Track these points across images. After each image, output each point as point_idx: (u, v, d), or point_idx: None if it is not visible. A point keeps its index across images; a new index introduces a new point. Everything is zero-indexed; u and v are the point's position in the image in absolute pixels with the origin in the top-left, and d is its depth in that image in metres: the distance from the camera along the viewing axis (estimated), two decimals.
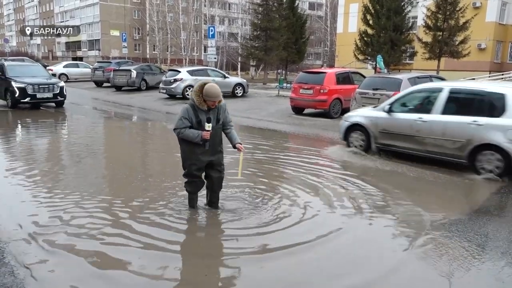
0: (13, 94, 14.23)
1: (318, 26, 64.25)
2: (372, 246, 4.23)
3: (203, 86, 4.38)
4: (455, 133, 6.87)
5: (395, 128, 7.72)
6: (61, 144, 9.72)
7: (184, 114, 4.44)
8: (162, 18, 54.19)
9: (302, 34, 38.07)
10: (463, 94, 7.30)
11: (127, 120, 14.32)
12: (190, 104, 4.48)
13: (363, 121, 8.26)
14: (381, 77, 12.62)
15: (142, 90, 22.65)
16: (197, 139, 4.43)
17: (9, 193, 5.62)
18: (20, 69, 15.59)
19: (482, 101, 6.96)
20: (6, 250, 3.88)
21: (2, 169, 6.78)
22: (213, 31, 24.20)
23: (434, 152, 7.23)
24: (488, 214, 5.10)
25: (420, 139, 7.32)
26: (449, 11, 25.08)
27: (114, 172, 6.98)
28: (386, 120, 7.86)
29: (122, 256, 3.84)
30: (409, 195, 5.78)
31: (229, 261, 3.87)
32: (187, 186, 4.84)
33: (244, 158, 4.96)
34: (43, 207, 5.02)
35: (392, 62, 27.71)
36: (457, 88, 7.36)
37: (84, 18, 67.49)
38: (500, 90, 6.73)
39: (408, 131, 7.49)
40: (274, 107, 16.08)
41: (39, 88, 14.43)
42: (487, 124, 6.53)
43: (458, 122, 6.85)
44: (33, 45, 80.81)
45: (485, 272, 3.70)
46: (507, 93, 6.56)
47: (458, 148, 6.82)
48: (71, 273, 3.54)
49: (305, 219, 4.81)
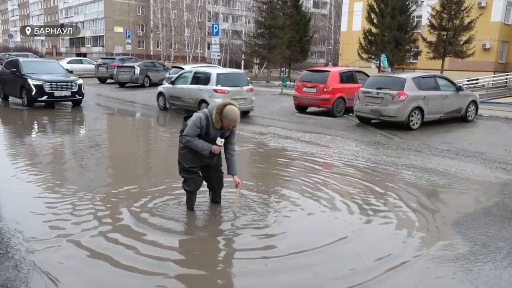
0: (30, 92, 13.37)
1: (322, 25, 64.15)
2: (374, 246, 4.23)
3: (225, 106, 4.20)
4: (192, 94, 12.86)
5: (175, 93, 13.71)
6: (80, 144, 9.73)
7: (197, 122, 4.31)
8: (166, 15, 54.22)
9: (306, 32, 38.05)
10: (199, 74, 13.26)
11: (131, 116, 14.35)
12: (204, 114, 4.35)
13: (163, 90, 14.54)
14: (385, 76, 12.56)
15: (146, 86, 22.65)
16: (205, 151, 4.35)
17: (15, 188, 5.65)
18: (36, 66, 14.79)
19: (204, 77, 12.80)
20: (10, 244, 3.90)
21: (11, 166, 6.84)
22: (217, 28, 24.17)
23: (188, 105, 13.00)
24: (491, 215, 5.08)
25: (182, 98, 13.34)
26: (454, 10, 25.01)
27: (121, 170, 6.99)
28: (172, 89, 13.90)
29: (126, 253, 3.86)
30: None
31: (232, 261, 3.87)
32: (186, 184, 4.70)
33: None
34: (48, 203, 5.04)
35: (396, 61, 27.66)
36: (197, 71, 13.59)
37: (88, 14, 67.58)
38: (210, 70, 13.09)
39: (178, 94, 13.55)
40: (277, 105, 16.06)
41: (57, 86, 13.56)
42: (203, 89, 12.43)
43: (194, 89, 12.83)
44: (37, 41, 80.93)
45: (487, 272, 3.69)
46: (213, 72, 12.76)
47: (194, 102, 12.59)
48: (75, 268, 3.55)
49: None
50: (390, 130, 10.87)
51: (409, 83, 10.88)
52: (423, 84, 11.21)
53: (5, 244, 3.90)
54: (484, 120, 12.56)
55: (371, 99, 11.26)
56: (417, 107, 10.86)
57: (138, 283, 3.37)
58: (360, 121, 12.15)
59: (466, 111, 12.08)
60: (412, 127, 10.83)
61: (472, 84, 27.54)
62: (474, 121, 12.19)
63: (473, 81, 28.05)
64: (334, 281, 3.53)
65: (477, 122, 12.18)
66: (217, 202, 5.01)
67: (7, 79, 14.88)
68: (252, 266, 3.73)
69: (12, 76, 14.29)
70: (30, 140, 9.45)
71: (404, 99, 10.62)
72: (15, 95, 14.54)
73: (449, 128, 11.17)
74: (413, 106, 10.77)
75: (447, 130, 10.99)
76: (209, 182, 4.89)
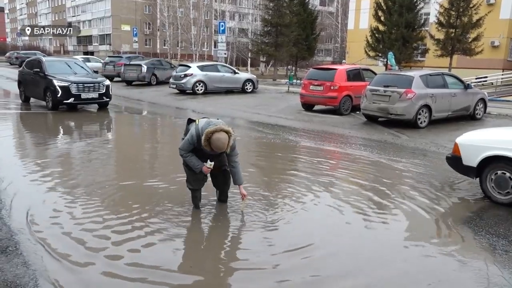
0: (55, 94, 12.42)
1: (329, 22, 63.86)
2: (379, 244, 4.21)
3: (213, 133, 4.12)
4: None
5: None
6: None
7: (190, 140, 4.38)
8: (172, 13, 54.34)
9: (312, 30, 37.90)
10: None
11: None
12: (196, 133, 4.32)
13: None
14: (392, 74, 12.48)
15: (153, 85, 22.74)
16: (196, 169, 4.49)
17: (24, 186, 5.69)
18: (61, 66, 13.76)
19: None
20: (19, 241, 3.94)
21: (21, 163, 6.89)
22: (224, 26, 24.22)
23: None
24: (499, 214, 5.04)
25: None
26: (462, 7, 24.76)
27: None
28: None
29: (133, 252, 3.87)
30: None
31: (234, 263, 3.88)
32: (188, 183, 4.72)
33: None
34: (57, 202, 5.07)
35: (403, 59, 27.46)
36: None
37: (95, 12, 67.92)
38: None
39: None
40: (284, 103, 16.04)
41: (84, 87, 12.61)
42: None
43: None
44: (45, 39, 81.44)
45: (496, 272, 3.66)
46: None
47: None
48: (82, 266, 3.57)
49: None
50: (398, 128, 10.81)
51: (416, 81, 10.80)
52: (431, 82, 11.13)
53: (14, 241, 3.93)
54: (493, 118, 12.45)
55: (378, 97, 11.20)
56: (425, 105, 10.79)
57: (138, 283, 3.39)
58: (367, 119, 12.10)
59: (474, 109, 11.98)
60: (419, 125, 10.76)
61: (481, 82, 27.29)
62: (482, 119, 12.09)
63: (481, 79, 27.80)
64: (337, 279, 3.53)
65: (486, 120, 12.07)
66: (224, 201, 5.00)
67: (29, 79, 14.05)
68: (257, 269, 3.73)
69: (35, 76, 13.41)
70: (56, 144, 9.49)
71: (412, 97, 10.55)
72: (38, 97, 13.73)
73: (457, 127, 11.07)
74: (421, 104, 10.70)
75: (455, 128, 10.89)
76: (215, 180, 4.88)
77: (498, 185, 5.26)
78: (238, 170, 4.62)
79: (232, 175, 4.67)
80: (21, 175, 6.14)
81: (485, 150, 5.30)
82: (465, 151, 5.55)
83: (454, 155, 5.73)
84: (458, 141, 5.71)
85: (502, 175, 5.20)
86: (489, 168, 5.33)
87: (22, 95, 14.98)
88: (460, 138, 5.76)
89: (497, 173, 5.25)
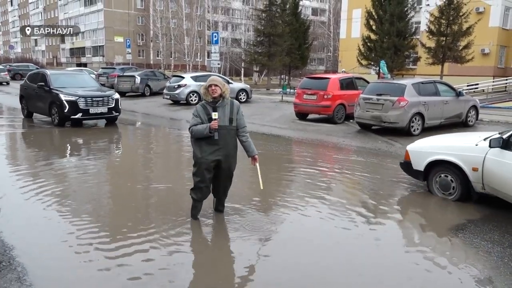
0: (62, 109, 11.71)
1: (321, 32, 64.40)
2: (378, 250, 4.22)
3: (207, 82, 4.60)
4: None
5: None
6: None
7: (194, 112, 4.63)
8: (165, 24, 54.54)
9: (305, 39, 38.24)
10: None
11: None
12: (200, 104, 4.65)
13: None
14: (385, 83, 12.59)
15: (146, 95, 22.76)
16: (206, 130, 4.47)
17: (19, 201, 5.64)
18: (66, 79, 13.09)
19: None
20: (13, 256, 3.89)
21: (14, 177, 6.86)
22: (217, 37, 24.28)
23: None
24: (494, 221, 5.07)
25: None
26: (453, 16, 25.12)
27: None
28: None
29: (131, 261, 3.85)
30: None
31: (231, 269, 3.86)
32: (193, 192, 4.74)
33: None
34: (52, 216, 5.03)
35: (395, 67, 27.74)
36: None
37: (88, 24, 67.97)
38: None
39: None
40: (278, 112, 16.10)
41: (92, 102, 11.90)
42: None
43: None
44: (37, 51, 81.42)
45: (491, 278, 3.67)
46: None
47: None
48: (78, 281, 3.54)
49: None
50: (391, 136, 10.87)
51: (409, 89, 10.90)
52: (423, 90, 11.24)
53: (7, 256, 3.89)
54: (485, 125, 12.57)
55: (371, 106, 11.28)
56: (418, 113, 10.88)
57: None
58: (360, 127, 12.16)
59: (466, 116, 12.10)
60: (413, 133, 10.83)
61: (472, 89, 27.60)
62: (475, 126, 12.19)
63: (472, 86, 28.12)
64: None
65: (478, 127, 12.18)
66: (221, 211, 5.02)
67: (32, 94, 13.30)
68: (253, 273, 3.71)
69: (39, 91, 12.67)
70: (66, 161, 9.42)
71: (405, 105, 10.64)
72: (42, 112, 13.02)
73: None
74: (414, 112, 10.79)
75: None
76: (216, 188, 4.87)
77: (442, 186, 5.83)
78: (250, 141, 4.78)
79: (245, 149, 4.78)
80: (17, 191, 6.07)
81: (429, 156, 5.91)
82: (414, 156, 6.17)
83: (406, 160, 6.33)
84: (408, 148, 6.35)
85: (444, 178, 5.78)
86: (434, 172, 5.91)
87: (25, 110, 14.11)
88: (410, 145, 6.41)
89: (440, 176, 5.84)
